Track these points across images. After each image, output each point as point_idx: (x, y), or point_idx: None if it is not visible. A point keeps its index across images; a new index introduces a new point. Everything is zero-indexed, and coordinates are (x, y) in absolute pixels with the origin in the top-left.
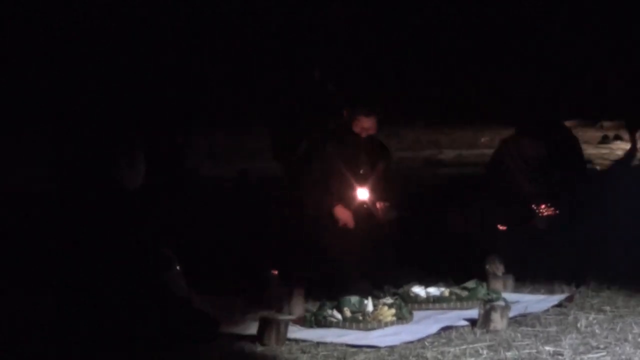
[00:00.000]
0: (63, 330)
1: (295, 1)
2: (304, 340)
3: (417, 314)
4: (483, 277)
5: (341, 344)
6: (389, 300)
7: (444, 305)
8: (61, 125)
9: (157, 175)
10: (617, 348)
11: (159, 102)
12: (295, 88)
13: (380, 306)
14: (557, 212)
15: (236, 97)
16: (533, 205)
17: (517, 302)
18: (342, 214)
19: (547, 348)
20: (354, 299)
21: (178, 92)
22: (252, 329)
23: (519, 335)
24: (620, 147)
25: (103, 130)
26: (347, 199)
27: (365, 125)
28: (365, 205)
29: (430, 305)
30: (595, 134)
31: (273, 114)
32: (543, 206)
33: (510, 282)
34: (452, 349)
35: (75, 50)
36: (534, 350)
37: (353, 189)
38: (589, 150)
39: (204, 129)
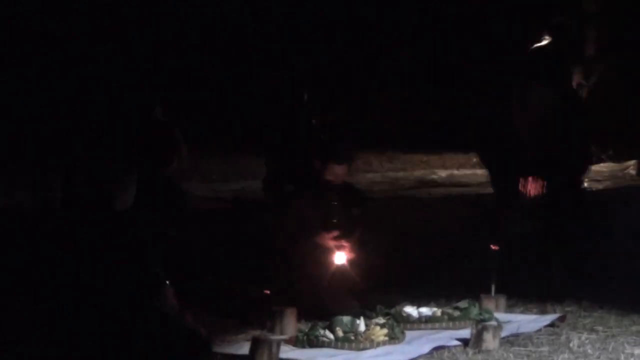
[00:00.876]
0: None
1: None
2: None
3: (409, 334)
4: (475, 297)
5: None
6: (381, 320)
7: (436, 325)
8: (51, 143)
9: (150, 196)
10: None
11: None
12: (288, 124)
13: (372, 326)
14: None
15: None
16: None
17: (509, 322)
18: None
19: None
20: (346, 318)
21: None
22: (245, 349)
23: (511, 355)
24: None
25: (93, 150)
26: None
27: (338, 172)
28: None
29: (423, 325)
30: None
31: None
32: (530, 180)
33: (502, 301)
34: None
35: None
36: None
37: (329, 253)
38: None
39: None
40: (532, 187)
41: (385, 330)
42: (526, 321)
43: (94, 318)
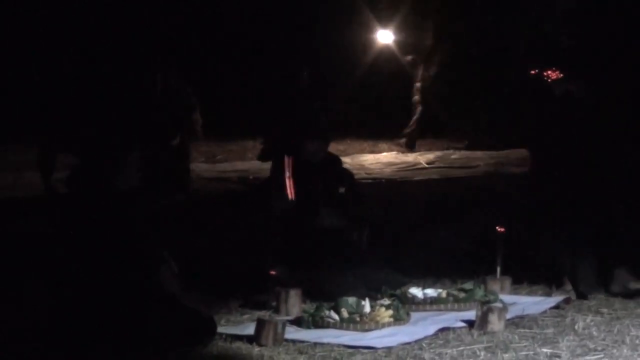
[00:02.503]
0: (57, 332)
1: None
2: (301, 341)
3: (414, 315)
4: (481, 278)
5: (338, 345)
6: (386, 301)
7: (441, 306)
8: (53, 127)
9: (155, 177)
10: (615, 350)
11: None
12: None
13: (377, 307)
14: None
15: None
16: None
17: (514, 303)
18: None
19: (544, 350)
20: (352, 300)
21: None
22: (250, 329)
23: (516, 337)
24: None
25: (96, 131)
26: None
27: (311, 149)
28: None
29: (428, 307)
30: None
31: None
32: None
33: (507, 283)
34: (449, 351)
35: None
36: (532, 352)
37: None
38: None
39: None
40: None
41: (390, 312)
42: (531, 303)
43: (95, 298)
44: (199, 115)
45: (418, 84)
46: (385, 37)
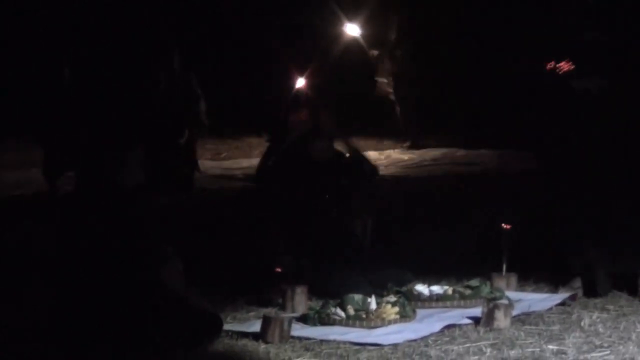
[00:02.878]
0: (59, 332)
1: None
2: (307, 338)
3: (420, 312)
4: (486, 275)
5: (344, 342)
6: (392, 298)
7: (447, 303)
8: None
9: (160, 174)
10: (621, 347)
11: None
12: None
13: (383, 304)
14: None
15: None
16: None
17: (520, 300)
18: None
19: (550, 347)
20: (357, 296)
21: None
22: (256, 326)
23: (522, 333)
24: None
25: (100, 128)
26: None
27: (318, 147)
28: None
29: (434, 304)
30: None
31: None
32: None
33: (513, 280)
34: (455, 347)
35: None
36: (538, 349)
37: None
38: None
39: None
40: None
41: (396, 309)
42: (537, 300)
43: (97, 297)
44: (204, 104)
45: (384, 80)
46: (352, 30)
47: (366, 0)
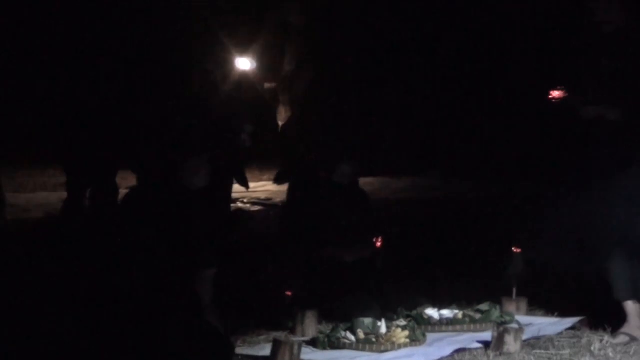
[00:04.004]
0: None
1: None
2: None
3: (430, 337)
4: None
5: None
6: (402, 322)
7: (458, 327)
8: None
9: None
10: None
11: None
12: None
13: (393, 328)
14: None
15: None
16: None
17: (530, 324)
18: None
19: None
20: (368, 320)
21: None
22: (266, 350)
23: (532, 358)
24: None
25: (167, 133)
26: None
27: (346, 172)
28: None
29: (444, 328)
30: None
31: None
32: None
33: (523, 304)
34: None
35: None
36: None
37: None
38: None
39: None
40: None
41: (406, 333)
42: (547, 324)
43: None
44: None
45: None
46: (244, 64)
47: (259, 32)
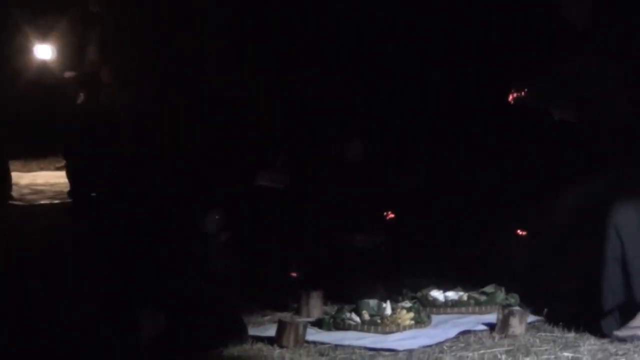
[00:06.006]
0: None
1: None
2: (322, 343)
3: (435, 318)
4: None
5: (359, 347)
6: (407, 304)
7: (462, 309)
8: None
9: None
10: (636, 355)
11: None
12: None
13: (398, 310)
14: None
15: None
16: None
17: None
18: None
19: (565, 354)
20: (373, 302)
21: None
22: (271, 331)
23: (537, 340)
24: None
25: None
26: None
27: (359, 148)
28: None
29: (449, 310)
30: None
31: None
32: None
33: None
34: (470, 354)
35: None
36: (553, 356)
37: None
38: None
39: None
40: None
41: (411, 314)
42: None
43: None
44: None
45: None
46: (43, 52)
47: (60, 21)
